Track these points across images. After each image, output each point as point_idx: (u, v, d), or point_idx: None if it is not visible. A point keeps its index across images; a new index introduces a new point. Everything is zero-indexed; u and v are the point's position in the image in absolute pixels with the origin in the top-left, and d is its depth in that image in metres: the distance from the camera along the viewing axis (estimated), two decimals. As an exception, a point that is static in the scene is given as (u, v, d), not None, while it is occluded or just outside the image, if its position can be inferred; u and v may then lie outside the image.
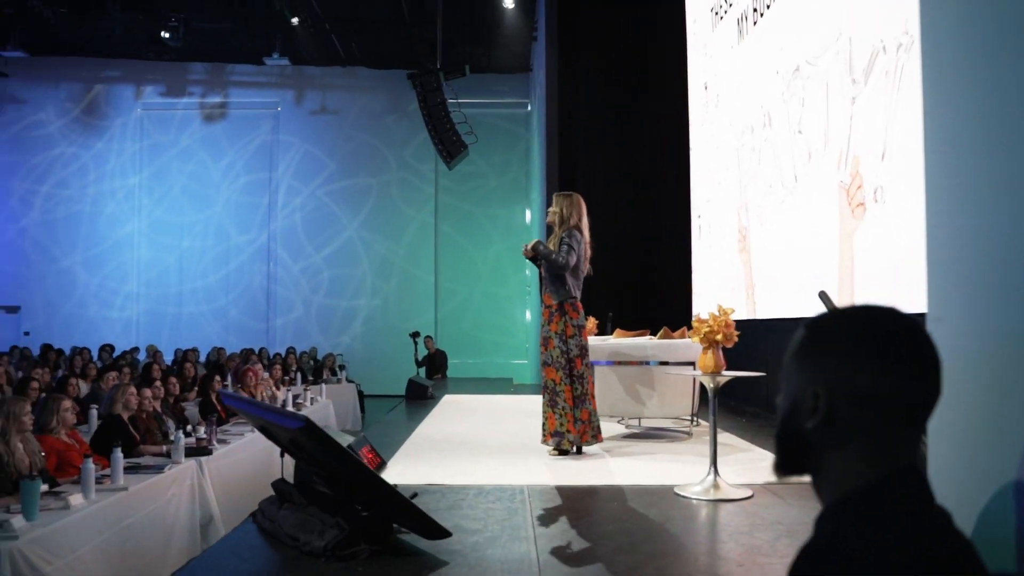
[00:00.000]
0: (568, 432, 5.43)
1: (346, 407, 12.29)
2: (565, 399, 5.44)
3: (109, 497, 4.68)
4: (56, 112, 17.89)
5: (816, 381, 1.09)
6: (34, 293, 17.71)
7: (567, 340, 5.52)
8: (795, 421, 1.12)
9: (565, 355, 5.50)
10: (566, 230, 5.63)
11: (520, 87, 18.05)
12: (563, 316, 5.57)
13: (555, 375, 5.52)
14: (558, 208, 5.73)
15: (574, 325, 5.56)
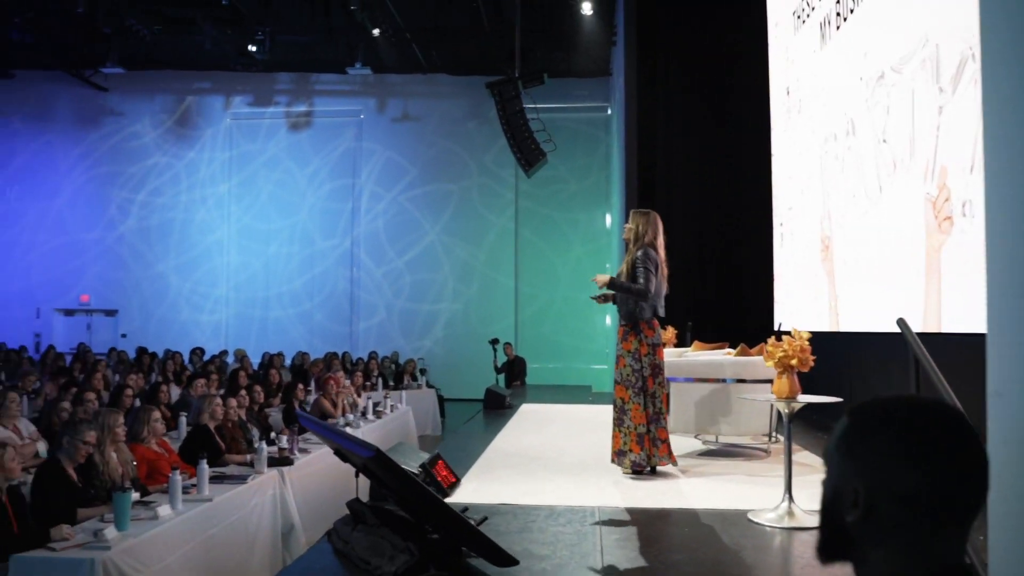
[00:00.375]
0: (631, 451, 5.38)
1: (426, 413, 12.46)
2: (631, 418, 5.39)
3: (195, 508, 4.85)
4: (151, 123, 18.62)
5: (857, 475, 1.07)
6: (131, 297, 18.47)
7: (640, 359, 5.45)
8: (836, 512, 1.10)
9: (637, 374, 5.43)
10: (640, 247, 5.55)
11: (600, 91, 17.98)
12: (637, 335, 5.50)
13: (624, 393, 5.48)
14: (634, 225, 5.66)
15: (648, 344, 5.48)
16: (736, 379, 6.16)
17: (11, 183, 18.80)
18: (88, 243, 18.60)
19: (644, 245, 5.55)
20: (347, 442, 3.27)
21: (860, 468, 1.07)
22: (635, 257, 5.53)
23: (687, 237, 11.59)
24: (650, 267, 5.46)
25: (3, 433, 6.08)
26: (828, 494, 1.12)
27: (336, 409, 8.94)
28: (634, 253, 5.57)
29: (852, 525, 1.07)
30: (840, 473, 1.10)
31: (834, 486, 1.11)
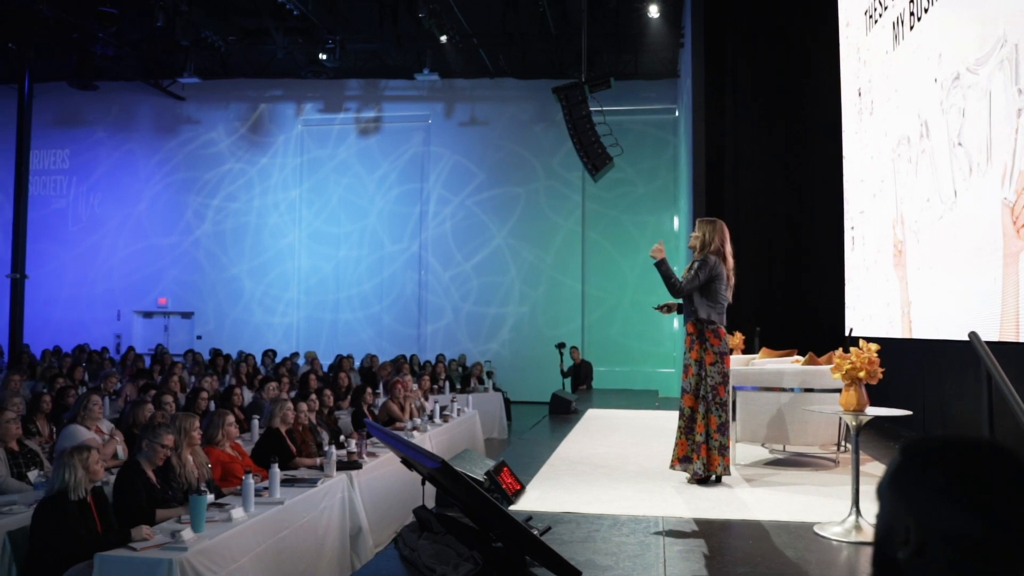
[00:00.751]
0: (693, 461, 5.36)
1: (492, 416, 12.53)
2: (697, 428, 5.35)
3: (267, 510, 4.98)
4: (226, 131, 19.13)
5: (908, 513, 1.07)
6: (206, 300, 19.01)
7: (706, 367, 5.41)
8: (888, 547, 1.10)
9: (705, 383, 5.39)
10: (705, 259, 5.53)
11: (668, 92, 17.84)
12: (703, 343, 5.46)
13: (692, 402, 5.44)
14: (700, 233, 5.66)
15: (715, 352, 5.43)
16: (804, 388, 6.07)
17: (95, 190, 19.53)
18: (166, 247, 19.21)
19: (710, 253, 5.52)
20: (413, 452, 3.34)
21: (911, 506, 1.07)
22: (698, 262, 5.55)
23: (756, 241, 11.45)
24: (700, 273, 5.45)
25: (86, 435, 6.33)
26: (880, 530, 1.13)
27: (404, 413, 9.07)
28: (697, 259, 5.59)
29: (904, 562, 1.07)
30: (891, 510, 1.10)
31: (886, 522, 1.11)
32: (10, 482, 5.51)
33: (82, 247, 19.44)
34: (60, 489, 4.27)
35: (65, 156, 19.58)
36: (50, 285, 19.01)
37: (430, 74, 16.38)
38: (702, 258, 5.52)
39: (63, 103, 18.99)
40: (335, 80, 18.15)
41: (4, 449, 5.65)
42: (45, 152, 19.25)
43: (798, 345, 7.68)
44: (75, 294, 19.32)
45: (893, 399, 5.98)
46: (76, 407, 6.52)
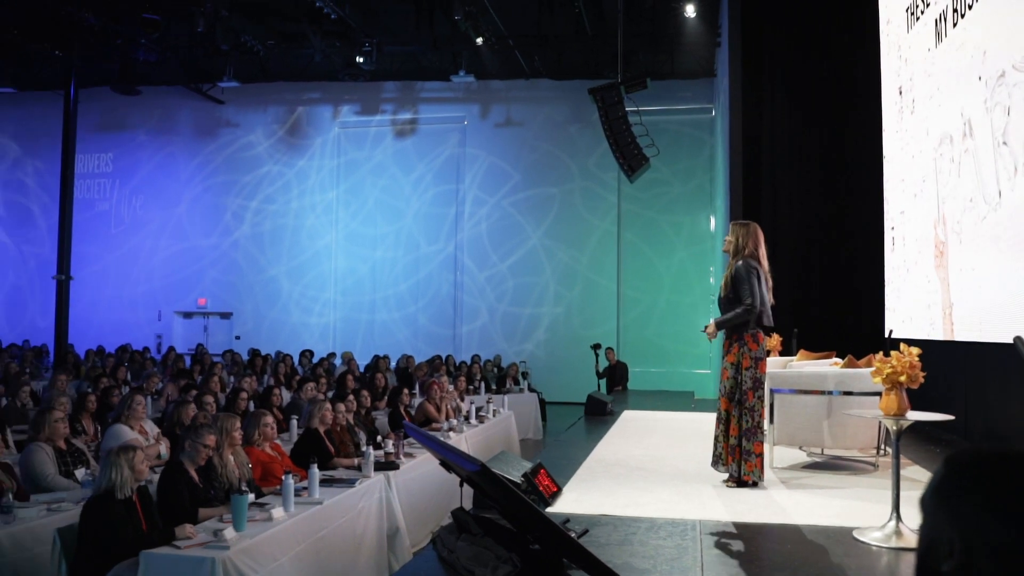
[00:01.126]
0: (730, 463, 5.37)
1: (528, 417, 12.56)
2: (731, 431, 5.36)
3: (307, 510, 5.05)
4: (264, 133, 19.37)
5: (951, 525, 1.07)
6: (245, 301, 19.26)
7: (742, 371, 5.37)
8: (932, 560, 1.10)
9: (738, 386, 5.37)
10: (740, 262, 5.45)
11: (704, 92, 17.74)
12: (742, 347, 5.42)
13: (727, 405, 5.43)
14: (734, 237, 5.58)
15: (752, 356, 5.38)
16: (842, 391, 6.01)
17: (137, 193, 19.87)
18: (205, 249, 19.48)
19: (744, 257, 5.46)
20: (452, 455, 3.37)
21: (954, 519, 1.07)
22: (735, 270, 5.44)
23: (794, 241, 11.35)
24: (752, 279, 5.36)
25: (130, 434, 6.45)
26: (924, 542, 1.12)
27: (440, 413, 9.12)
28: (734, 265, 5.48)
29: (948, 574, 1.07)
30: (935, 522, 1.10)
31: (929, 534, 1.11)
32: (58, 480, 5.63)
33: (124, 249, 19.79)
34: (107, 488, 4.36)
35: (108, 160, 19.95)
36: (94, 286, 19.37)
37: (466, 76, 16.45)
38: (743, 264, 5.43)
39: (107, 108, 19.35)
40: (371, 83, 18.29)
41: (52, 448, 5.78)
42: (89, 156, 19.64)
43: (836, 347, 7.60)
44: (117, 295, 19.67)
45: (934, 402, 5.90)
46: (120, 407, 6.65)
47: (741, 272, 5.38)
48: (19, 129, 20.41)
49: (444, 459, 3.69)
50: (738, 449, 5.32)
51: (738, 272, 5.40)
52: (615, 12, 14.21)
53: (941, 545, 1.08)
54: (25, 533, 4.68)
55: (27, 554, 4.64)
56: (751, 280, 5.35)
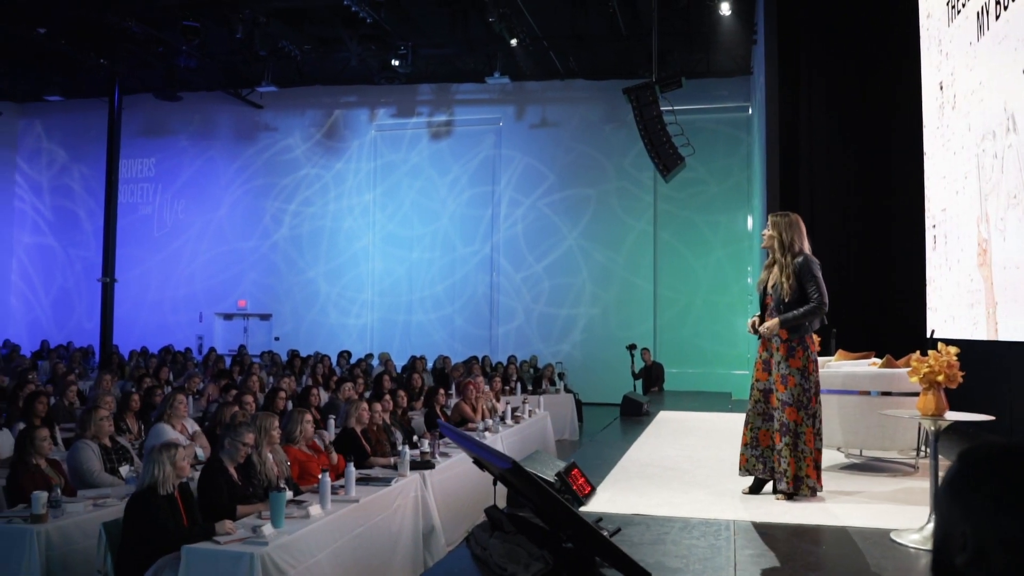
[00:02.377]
0: (807, 477, 4.94)
1: (564, 417, 12.56)
2: (805, 441, 4.93)
3: (343, 508, 5.12)
4: (302, 137, 19.61)
5: (964, 519, 1.08)
6: (283, 302, 19.50)
7: (808, 376, 4.99)
8: (945, 553, 1.11)
9: (807, 393, 4.97)
10: (799, 258, 5.05)
11: (740, 90, 17.62)
12: (805, 350, 5.01)
13: (796, 415, 4.96)
14: (776, 232, 5.13)
15: (814, 360, 5.06)
16: (881, 392, 5.94)
17: (178, 197, 20.22)
18: (245, 251, 19.76)
19: (800, 252, 5.07)
20: (485, 452, 3.40)
21: (967, 513, 1.08)
22: (796, 267, 5.02)
23: (832, 240, 11.21)
24: (817, 273, 5.00)
25: (172, 433, 6.58)
26: (939, 536, 1.14)
27: (476, 414, 9.17)
28: (791, 264, 5.04)
29: (962, 567, 1.08)
30: (949, 516, 1.11)
31: (943, 528, 1.12)
32: (104, 476, 5.78)
33: (167, 252, 20.15)
34: (150, 484, 4.47)
35: (151, 165, 20.32)
36: (137, 289, 19.74)
37: (500, 77, 16.50)
38: (804, 260, 5.03)
39: (149, 114, 19.73)
40: (407, 85, 18.42)
41: (98, 445, 5.92)
42: (133, 161, 20.02)
43: (876, 347, 7.50)
44: (160, 297, 20.03)
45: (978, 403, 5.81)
46: (163, 406, 6.79)
47: (807, 267, 5.00)
48: (66, 136, 20.90)
49: (477, 457, 3.72)
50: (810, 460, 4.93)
51: (803, 268, 5.00)
52: (650, 11, 14.16)
53: (955, 538, 1.09)
54: (73, 527, 4.81)
55: (75, 547, 4.77)
56: (815, 273, 4.99)
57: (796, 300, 5.02)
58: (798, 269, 5.02)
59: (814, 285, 4.97)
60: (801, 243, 5.13)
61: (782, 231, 5.13)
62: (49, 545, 4.62)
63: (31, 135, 21.31)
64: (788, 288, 5.01)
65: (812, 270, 5.00)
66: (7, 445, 6.61)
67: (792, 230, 5.13)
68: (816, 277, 4.99)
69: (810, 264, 5.03)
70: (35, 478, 5.33)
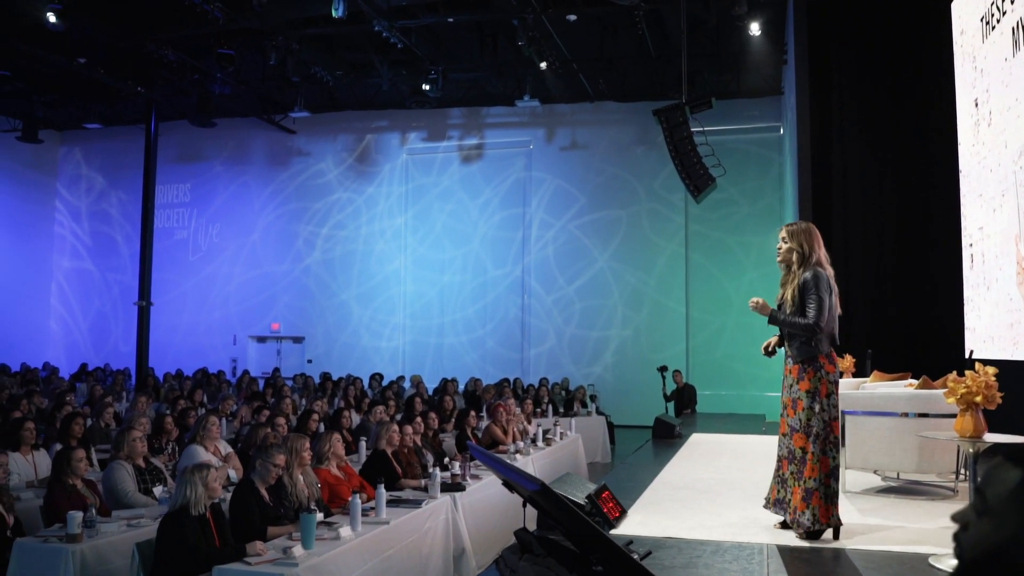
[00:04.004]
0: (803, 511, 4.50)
1: (595, 440, 12.48)
2: (807, 472, 4.51)
3: (374, 530, 5.12)
4: (334, 161, 19.82)
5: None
6: (316, 325, 19.64)
7: (821, 400, 4.54)
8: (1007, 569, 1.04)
9: (819, 418, 4.53)
10: (808, 272, 4.63)
11: (771, 110, 17.55)
12: (816, 371, 4.59)
13: (804, 442, 4.58)
14: (796, 244, 4.71)
15: (830, 381, 4.58)
16: (918, 413, 5.83)
17: (213, 221, 20.51)
18: (278, 275, 19.96)
19: (812, 267, 4.64)
20: (514, 474, 3.38)
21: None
22: (803, 281, 4.62)
23: (867, 259, 11.09)
24: (823, 293, 4.55)
25: (205, 455, 6.63)
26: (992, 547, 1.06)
27: (506, 436, 9.14)
28: (800, 275, 4.66)
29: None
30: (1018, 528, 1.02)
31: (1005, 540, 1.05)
32: (137, 497, 5.83)
33: (201, 275, 20.41)
34: (182, 505, 4.50)
35: (186, 190, 20.65)
36: (172, 312, 20.00)
37: (530, 100, 16.58)
38: (812, 275, 4.60)
39: (184, 140, 20.08)
40: (438, 109, 18.58)
41: (132, 466, 5.98)
42: (169, 186, 20.36)
43: (912, 368, 7.39)
44: (194, 320, 20.27)
45: (1018, 424, 5.69)
46: (196, 428, 6.85)
47: (811, 282, 4.58)
48: (104, 162, 21.32)
49: (507, 479, 3.70)
50: (816, 493, 4.48)
51: (806, 283, 4.59)
52: (678, 33, 14.19)
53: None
54: (107, 547, 4.85)
55: (109, 567, 4.80)
56: (820, 292, 4.55)
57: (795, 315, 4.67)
58: (802, 283, 4.64)
59: (814, 302, 4.55)
60: (819, 254, 4.73)
61: (802, 241, 4.72)
62: (84, 564, 4.66)
63: (71, 162, 21.78)
64: (791, 303, 4.67)
65: (816, 287, 4.58)
66: (45, 465, 6.69)
67: (812, 241, 4.73)
68: (818, 295, 4.56)
69: (817, 279, 4.60)
70: (71, 498, 5.40)
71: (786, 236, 4.81)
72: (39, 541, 4.79)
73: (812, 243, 4.70)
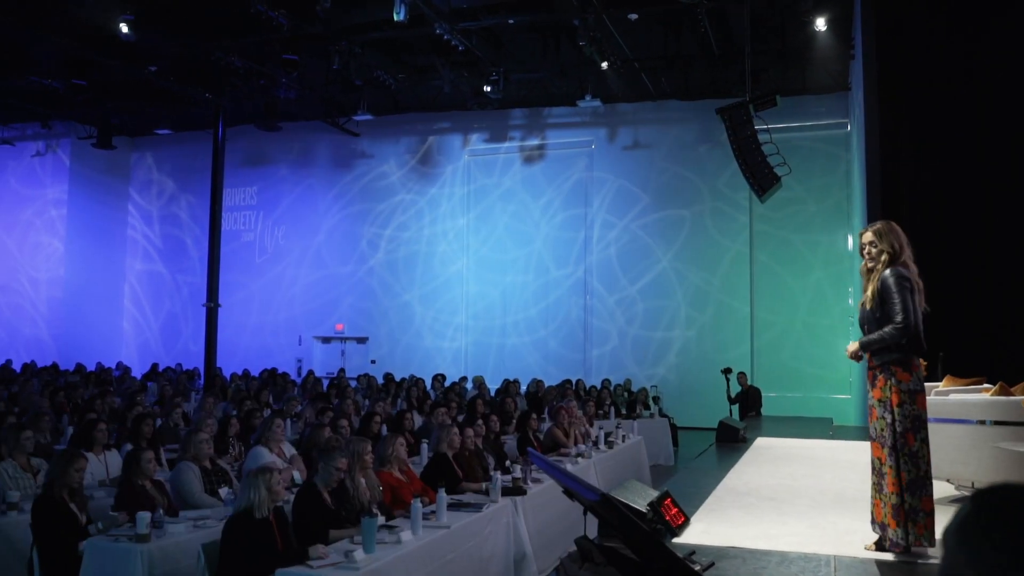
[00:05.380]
0: (888, 527, 4.30)
1: (659, 442, 12.35)
2: (888, 487, 4.29)
3: (435, 534, 5.14)
4: (397, 163, 20.02)
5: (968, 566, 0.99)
6: (379, 326, 19.85)
7: (892, 410, 4.32)
8: None
9: (891, 429, 4.32)
10: (890, 269, 4.41)
11: (838, 106, 17.16)
12: (888, 378, 4.36)
13: (879, 452, 4.39)
14: (886, 245, 4.46)
15: (903, 390, 4.32)
16: (994, 421, 5.62)
17: (279, 223, 20.90)
18: (342, 276, 20.23)
19: (896, 268, 4.40)
20: (575, 484, 3.35)
21: (973, 560, 0.99)
22: (881, 280, 4.39)
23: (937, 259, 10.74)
24: (905, 292, 4.31)
25: (269, 456, 6.73)
26: None
27: (568, 439, 9.09)
28: (880, 273, 4.44)
29: None
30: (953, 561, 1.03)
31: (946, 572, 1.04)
32: (204, 497, 5.94)
33: (267, 277, 20.81)
34: (246, 507, 4.57)
35: (253, 193, 21.08)
36: (240, 313, 20.42)
37: (592, 100, 16.49)
38: (892, 273, 4.37)
39: (251, 144, 20.50)
40: (499, 110, 18.61)
41: (199, 467, 6.10)
42: (236, 190, 20.80)
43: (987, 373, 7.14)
44: (260, 321, 20.68)
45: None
46: (261, 430, 6.96)
47: (889, 283, 4.35)
48: (174, 167, 21.91)
49: (567, 487, 3.67)
50: (902, 509, 4.24)
51: (885, 283, 4.36)
52: (742, 30, 13.97)
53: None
54: (174, 547, 4.96)
55: (176, 566, 4.91)
56: (903, 293, 4.31)
57: (877, 319, 4.43)
58: (881, 283, 4.40)
59: (897, 301, 4.31)
60: (902, 253, 4.48)
61: (892, 242, 4.46)
62: (152, 564, 4.77)
63: (142, 167, 22.41)
64: (871, 299, 4.44)
65: (901, 286, 4.34)
66: (116, 465, 6.87)
67: (900, 240, 4.50)
68: (901, 294, 4.32)
69: (897, 277, 4.36)
70: (140, 498, 5.53)
71: (874, 239, 4.55)
72: (110, 540, 4.92)
73: (902, 243, 4.49)
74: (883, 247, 4.47)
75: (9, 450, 6.36)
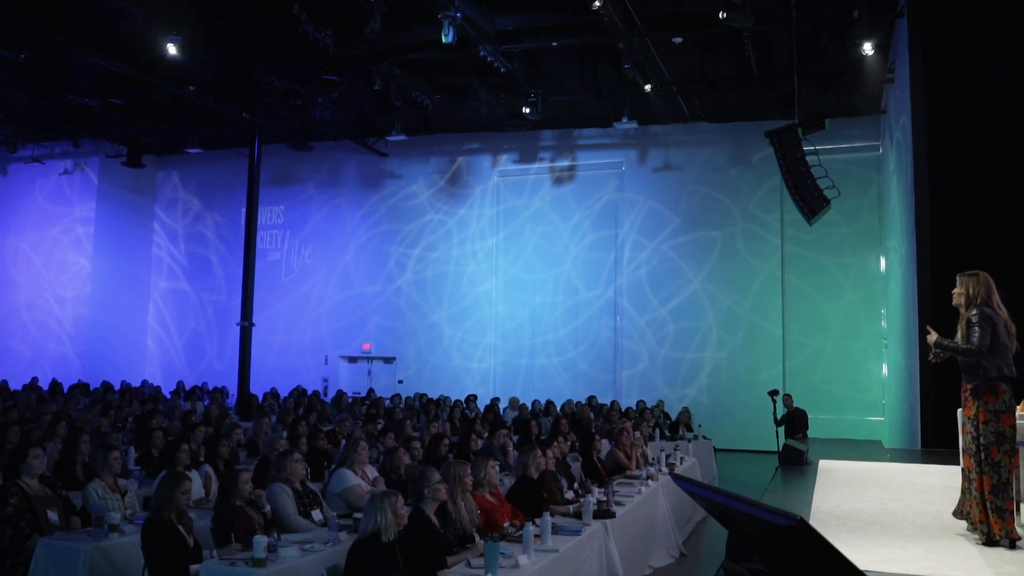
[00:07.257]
0: (981, 523, 5.23)
1: (705, 464, 12.27)
2: (976, 488, 5.24)
3: (545, 558, 5.12)
4: (425, 184, 20.04)
5: None
6: (407, 345, 19.80)
7: (979, 426, 5.25)
8: None
9: (976, 443, 5.25)
10: (975, 310, 5.36)
11: (870, 129, 17.25)
12: (977, 400, 5.30)
13: (968, 462, 5.38)
14: (964, 289, 5.49)
15: (989, 410, 5.24)
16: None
17: (306, 243, 20.89)
18: (370, 296, 20.21)
19: (978, 305, 5.36)
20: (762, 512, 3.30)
21: None
22: (967, 319, 5.38)
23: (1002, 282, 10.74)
24: (984, 325, 5.24)
25: (354, 479, 6.69)
26: None
27: (631, 461, 9.05)
28: (967, 315, 5.41)
29: None
30: None
31: None
32: (299, 520, 5.89)
33: (294, 296, 20.78)
34: (373, 531, 4.53)
35: (280, 212, 21.09)
36: (266, 332, 20.33)
37: (628, 123, 16.53)
38: (977, 311, 5.33)
39: (280, 163, 20.52)
40: (530, 131, 18.67)
41: (292, 488, 6.06)
42: (264, 209, 20.74)
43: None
44: (287, 340, 20.63)
45: None
46: (346, 452, 6.92)
47: (972, 320, 5.32)
48: (201, 185, 21.94)
49: (726, 509, 3.62)
50: (988, 508, 5.19)
51: (969, 321, 5.35)
52: (782, 53, 14.04)
53: None
54: (288, 571, 4.89)
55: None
56: (983, 326, 5.25)
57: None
58: (967, 321, 5.36)
59: (978, 331, 5.26)
60: (986, 298, 5.39)
61: (970, 288, 5.45)
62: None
63: (168, 185, 22.43)
64: (960, 336, 5.41)
65: (981, 321, 5.27)
66: (196, 486, 6.82)
67: (979, 287, 5.43)
68: (980, 325, 5.25)
69: (981, 314, 5.30)
70: (240, 519, 5.48)
71: (959, 283, 5.57)
72: (226, 564, 4.87)
73: (979, 288, 5.41)
74: (960, 289, 5.52)
75: (98, 470, 6.33)
